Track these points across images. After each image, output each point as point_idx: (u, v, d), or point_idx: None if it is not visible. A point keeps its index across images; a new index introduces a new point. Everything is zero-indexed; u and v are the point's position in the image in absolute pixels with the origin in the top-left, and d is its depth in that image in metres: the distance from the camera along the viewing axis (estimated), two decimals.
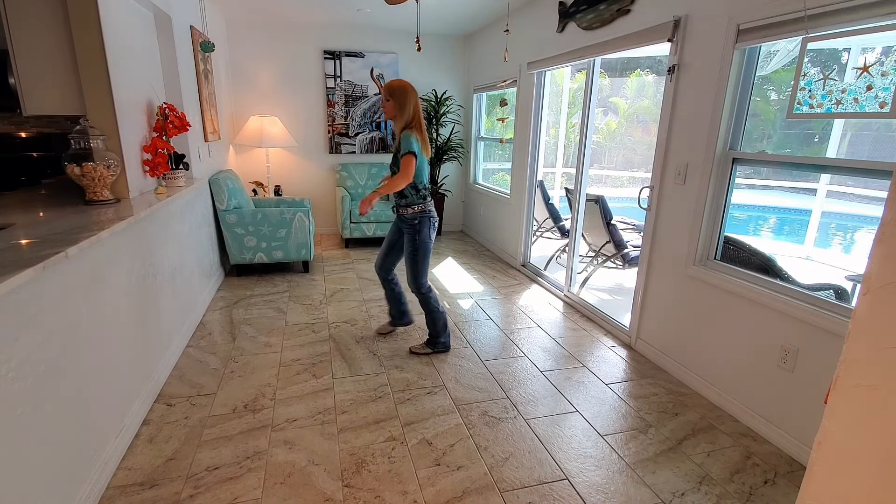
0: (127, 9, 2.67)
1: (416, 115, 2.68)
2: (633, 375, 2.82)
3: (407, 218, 2.78)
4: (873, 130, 5.26)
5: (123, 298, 2.16)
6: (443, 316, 2.97)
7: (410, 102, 2.65)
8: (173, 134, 2.95)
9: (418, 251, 2.80)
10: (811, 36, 1.95)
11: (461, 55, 6.05)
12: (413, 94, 2.67)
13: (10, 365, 1.36)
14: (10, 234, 1.76)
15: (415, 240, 2.78)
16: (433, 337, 3.00)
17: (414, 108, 2.66)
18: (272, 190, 5.54)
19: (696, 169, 2.60)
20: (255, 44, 5.36)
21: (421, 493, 1.87)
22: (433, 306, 2.93)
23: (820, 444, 0.76)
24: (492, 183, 6.08)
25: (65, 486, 1.60)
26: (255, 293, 4.00)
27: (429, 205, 2.78)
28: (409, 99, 2.65)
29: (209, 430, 2.22)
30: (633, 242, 4.05)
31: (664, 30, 2.71)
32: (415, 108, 2.67)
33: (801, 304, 2.09)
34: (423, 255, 2.81)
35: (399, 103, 2.64)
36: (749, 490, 1.93)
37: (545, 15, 4.06)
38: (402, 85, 2.66)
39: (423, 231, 2.77)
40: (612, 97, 8.79)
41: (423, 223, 2.76)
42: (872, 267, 0.68)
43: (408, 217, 2.77)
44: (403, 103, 2.64)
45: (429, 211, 2.78)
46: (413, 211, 2.75)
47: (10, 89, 2.36)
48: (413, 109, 2.66)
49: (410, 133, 2.62)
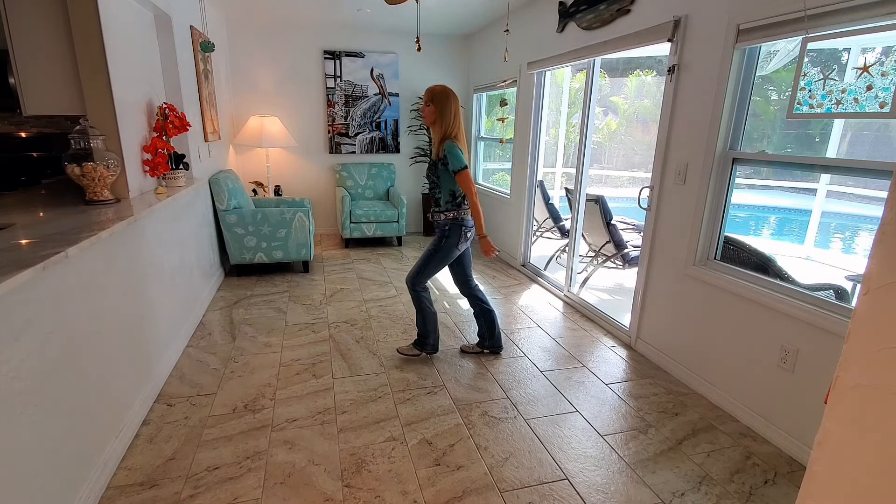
0: (127, 9, 2.67)
1: (457, 121, 2.62)
2: (633, 375, 2.82)
3: (440, 224, 2.72)
4: (873, 130, 5.26)
5: (123, 298, 2.16)
6: (433, 317, 2.89)
7: (451, 108, 2.59)
8: (173, 134, 2.95)
9: (437, 253, 2.74)
10: (811, 36, 1.95)
11: (461, 55, 6.05)
12: (454, 100, 2.61)
13: (10, 365, 1.36)
14: (10, 234, 1.76)
15: (440, 242, 2.72)
16: (422, 337, 2.90)
17: (454, 115, 2.60)
18: (272, 190, 5.55)
19: (696, 169, 2.60)
20: (255, 44, 5.36)
21: (421, 493, 1.87)
22: (425, 305, 2.85)
23: (820, 444, 0.76)
24: (492, 183, 6.08)
25: (65, 486, 1.60)
26: (255, 293, 4.00)
27: (463, 212, 2.69)
28: (451, 105, 2.59)
29: (209, 430, 2.22)
30: (633, 242, 4.05)
31: (664, 30, 2.71)
32: (455, 115, 2.61)
33: (801, 305, 2.09)
34: (439, 259, 2.75)
35: (440, 109, 2.58)
36: (749, 490, 1.93)
37: (545, 15, 4.06)
38: (444, 90, 2.60)
39: (452, 238, 2.70)
40: (612, 97, 8.79)
41: (453, 230, 2.69)
42: (872, 267, 0.68)
43: (440, 223, 2.72)
44: (444, 109, 2.58)
45: (462, 219, 2.70)
46: (446, 217, 2.69)
47: (10, 89, 2.36)
48: (453, 116, 2.60)
49: (455, 144, 2.58)
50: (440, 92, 2.60)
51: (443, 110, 2.58)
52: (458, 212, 2.68)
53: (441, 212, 2.70)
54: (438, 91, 2.60)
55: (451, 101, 2.60)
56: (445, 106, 2.59)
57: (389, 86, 5.85)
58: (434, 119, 2.61)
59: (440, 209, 2.70)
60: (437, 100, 2.59)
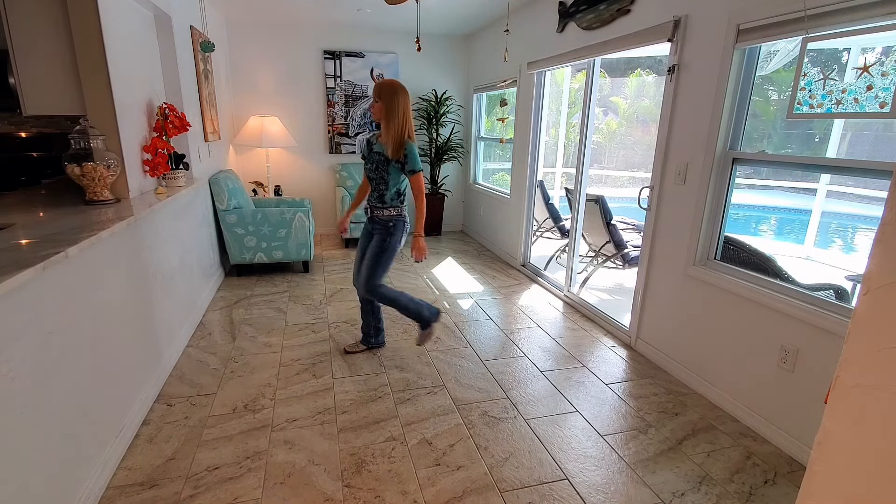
0: (127, 9, 2.67)
1: (407, 118, 2.56)
2: (633, 375, 2.82)
3: (382, 219, 2.69)
4: (873, 130, 5.26)
5: (123, 298, 2.16)
6: (406, 296, 2.82)
7: (399, 104, 2.51)
8: (173, 134, 2.95)
9: (384, 252, 2.69)
10: (811, 36, 1.95)
11: (461, 55, 6.05)
12: (403, 96, 2.53)
13: (10, 365, 1.36)
14: (10, 234, 1.76)
15: (385, 241, 2.69)
16: (421, 319, 2.87)
17: (403, 111, 2.53)
18: (272, 190, 5.54)
19: (696, 169, 2.60)
20: (255, 44, 5.36)
21: (421, 493, 1.87)
22: (393, 295, 2.77)
23: (820, 444, 0.76)
24: (492, 183, 6.08)
25: (65, 486, 1.60)
26: (255, 293, 4.00)
27: (404, 209, 2.73)
28: (398, 100, 2.51)
29: (209, 430, 2.22)
30: (633, 242, 4.05)
31: (664, 30, 2.71)
32: (405, 111, 2.54)
33: (801, 304, 2.09)
34: (387, 258, 2.71)
35: (387, 104, 2.52)
36: (749, 490, 1.93)
37: (545, 15, 4.06)
38: (392, 85, 2.53)
39: (396, 234, 2.70)
40: (612, 97, 8.79)
41: (397, 226, 2.70)
42: (872, 267, 0.68)
43: (383, 219, 2.69)
44: (392, 104, 2.51)
45: (404, 216, 2.73)
46: (390, 213, 2.68)
47: (10, 89, 2.36)
48: (402, 113, 2.53)
49: (414, 146, 2.57)
50: (387, 87, 2.53)
51: (390, 106, 2.52)
52: (401, 208, 2.72)
53: (385, 208, 2.69)
54: (386, 86, 2.53)
55: (399, 96, 2.52)
56: (393, 101, 2.52)
57: None
58: (382, 115, 2.56)
59: (385, 205, 2.69)
60: (384, 95, 2.52)
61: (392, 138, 2.57)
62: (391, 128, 2.55)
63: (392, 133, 2.56)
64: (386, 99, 2.52)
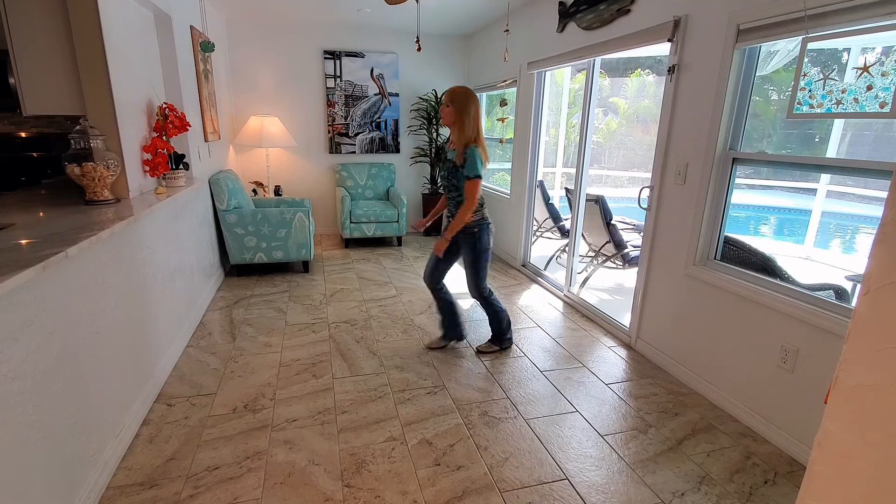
0: (127, 9, 2.67)
1: (477, 124, 2.59)
2: (633, 375, 2.82)
3: (468, 226, 2.71)
4: (873, 130, 5.26)
5: (123, 298, 2.16)
6: (506, 314, 3.01)
7: (471, 110, 2.56)
8: (173, 134, 2.95)
9: (480, 258, 2.77)
10: (811, 36, 1.95)
11: (461, 55, 6.05)
12: (475, 102, 2.57)
13: (10, 365, 1.36)
14: (10, 234, 1.76)
15: (475, 247, 2.74)
16: (500, 334, 3.02)
17: (474, 117, 2.57)
18: (272, 190, 5.55)
19: (696, 169, 2.60)
20: (255, 44, 5.36)
21: (421, 493, 1.87)
22: (498, 307, 2.96)
23: (820, 444, 0.76)
24: (492, 183, 6.08)
25: (65, 486, 1.60)
26: (255, 293, 4.00)
27: (486, 211, 2.76)
28: (471, 106, 2.55)
29: (209, 430, 2.22)
30: (633, 242, 4.05)
31: (664, 30, 2.71)
32: (475, 117, 2.57)
33: (801, 304, 2.09)
34: (484, 261, 2.80)
35: (459, 110, 2.55)
36: (749, 490, 1.93)
37: (545, 15, 4.06)
38: (465, 91, 2.58)
39: (483, 238, 2.74)
40: (612, 97, 8.79)
41: (482, 230, 2.73)
42: (872, 267, 0.68)
43: (468, 225, 2.70)
44: (464, 110, 2.55)
45: (486, 217, 2.75)
46: (472, 219, 2.69)
47: (10, 89, 2.36)
48: (473, 119, 2.56)
49: (476, 150, 2.56)
50: (461, 93, 2.57)
51: (463, 111, 2.55)
52: (482, 211, 2.73)
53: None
54: (459, 92, 2.58)
55: (471, 102, 2.57)
56: (465, 107, 2.55)
57: (389, 86, 5.85)
58: (453, 120, 2.58)
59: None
60: (456, 101, 2.56)
61: (463, 145, 2.60)
62: (462, 134, 2.58)
63: (463, 139, 2.59)
64: (458, 104, 2.56)
